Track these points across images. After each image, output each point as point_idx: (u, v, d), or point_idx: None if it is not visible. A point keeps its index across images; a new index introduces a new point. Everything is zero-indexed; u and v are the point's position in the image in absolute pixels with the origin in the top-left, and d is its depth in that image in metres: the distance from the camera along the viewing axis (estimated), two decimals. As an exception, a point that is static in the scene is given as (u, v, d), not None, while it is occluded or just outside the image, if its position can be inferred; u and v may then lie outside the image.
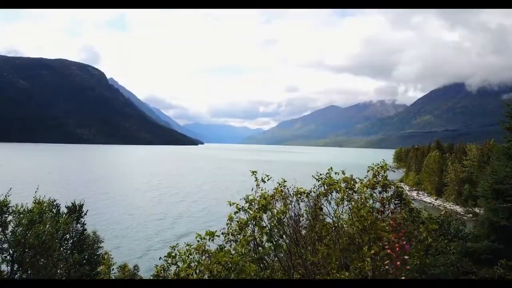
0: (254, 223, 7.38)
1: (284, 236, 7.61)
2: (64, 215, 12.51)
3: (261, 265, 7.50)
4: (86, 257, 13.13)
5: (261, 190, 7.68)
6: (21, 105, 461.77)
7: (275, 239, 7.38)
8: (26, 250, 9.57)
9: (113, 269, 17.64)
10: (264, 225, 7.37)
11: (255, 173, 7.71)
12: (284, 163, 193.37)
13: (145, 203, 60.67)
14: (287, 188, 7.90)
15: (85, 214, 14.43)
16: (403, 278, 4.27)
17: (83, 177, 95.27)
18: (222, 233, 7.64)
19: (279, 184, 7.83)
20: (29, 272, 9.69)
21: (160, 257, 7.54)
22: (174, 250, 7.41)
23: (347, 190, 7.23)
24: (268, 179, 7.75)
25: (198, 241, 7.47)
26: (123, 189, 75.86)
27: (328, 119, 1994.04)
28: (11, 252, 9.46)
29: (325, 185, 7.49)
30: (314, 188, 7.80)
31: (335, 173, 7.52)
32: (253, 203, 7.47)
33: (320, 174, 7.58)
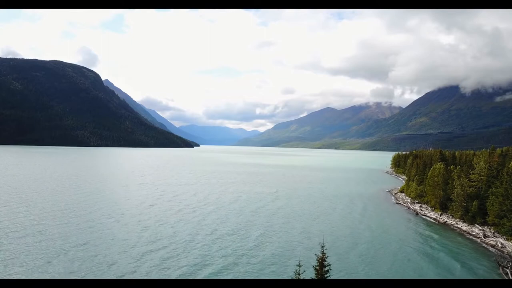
0: None
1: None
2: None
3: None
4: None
5: None
6: (15, 107, 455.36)
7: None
8: None
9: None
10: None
11: None
12: (284, 167, 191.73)
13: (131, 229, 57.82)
14: None
15: None
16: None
17: (75, 185, 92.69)
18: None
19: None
20: None
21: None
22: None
23: None
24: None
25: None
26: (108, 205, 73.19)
27: (324, 121, 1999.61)
28: None
29: None
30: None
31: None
32: None
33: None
